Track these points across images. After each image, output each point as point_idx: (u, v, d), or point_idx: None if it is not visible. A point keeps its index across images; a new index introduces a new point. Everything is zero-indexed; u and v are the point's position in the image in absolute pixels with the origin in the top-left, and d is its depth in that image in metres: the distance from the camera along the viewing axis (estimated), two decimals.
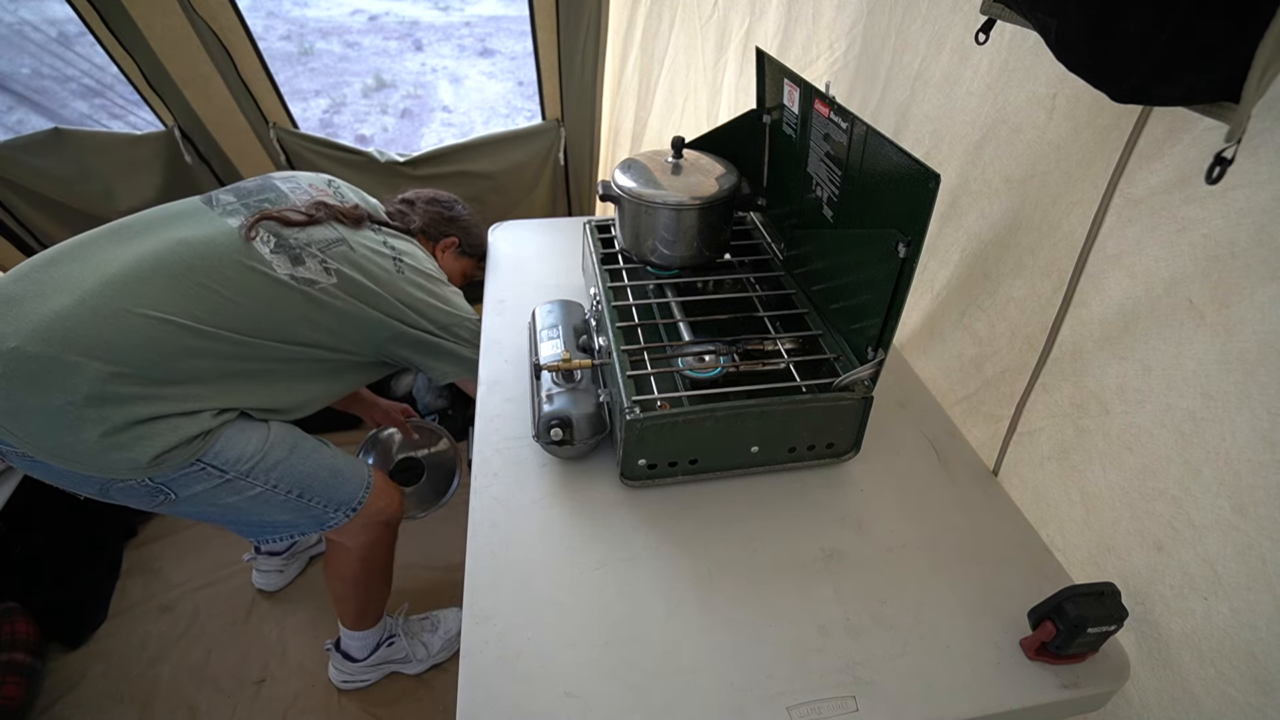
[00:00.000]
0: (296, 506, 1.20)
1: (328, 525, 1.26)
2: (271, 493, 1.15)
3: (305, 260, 1.13)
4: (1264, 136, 0.57)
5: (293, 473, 1.18)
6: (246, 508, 1.15)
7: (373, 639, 1.53)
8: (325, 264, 1.15)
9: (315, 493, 1.21)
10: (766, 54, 1.10)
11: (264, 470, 1.13)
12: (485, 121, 4.42)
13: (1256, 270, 0.60)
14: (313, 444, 1.24)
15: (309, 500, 1.21)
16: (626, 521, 0.88)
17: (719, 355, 0.95)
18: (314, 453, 1.23)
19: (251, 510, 1.16)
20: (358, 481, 1.30)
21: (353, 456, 1.34)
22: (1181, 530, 0.69)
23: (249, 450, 1.11)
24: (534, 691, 0.70)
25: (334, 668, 1.55)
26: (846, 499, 0.92)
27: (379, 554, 1.40)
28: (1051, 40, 0.61)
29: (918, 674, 0.73)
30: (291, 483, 1.18)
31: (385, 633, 1.56)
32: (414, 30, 5.48)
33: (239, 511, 1.16)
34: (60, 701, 1.55)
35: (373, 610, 1.51)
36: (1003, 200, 0.91)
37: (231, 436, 1.10)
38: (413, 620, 1.63)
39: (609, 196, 1.11)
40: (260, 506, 1.16)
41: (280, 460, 1.16)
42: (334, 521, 1.26)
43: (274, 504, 1.17)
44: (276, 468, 1.15)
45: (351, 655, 1.53)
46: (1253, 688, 0.62)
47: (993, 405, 0.97)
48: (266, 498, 1.15)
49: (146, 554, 1.87)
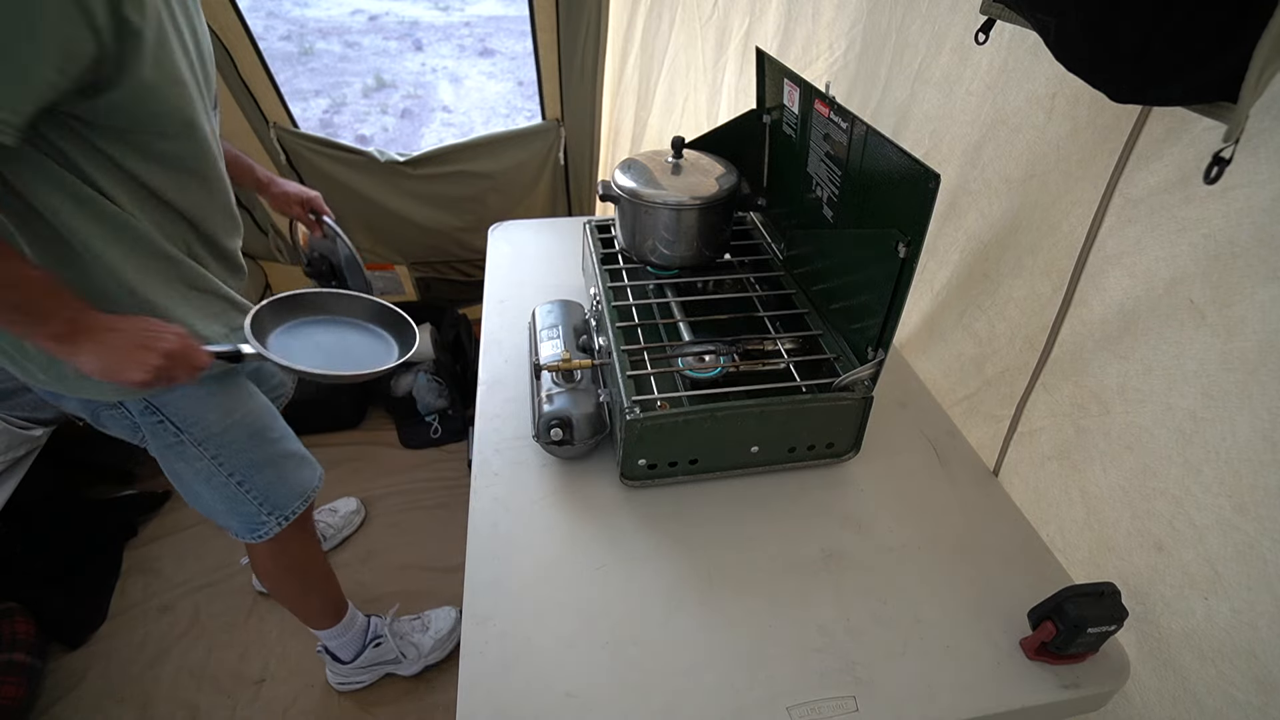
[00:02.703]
0: (231, 497, 1.13)
1: (260, 533, 1.18)
2: (215, 469, 1.09)
3: None
4: (1263, 136, 0.57)
5: (240, 453, 1.10)
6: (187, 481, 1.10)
7: (353, 638, 1.50)
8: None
9: (256, 485, 1.14)
10: (766, 54, 1.10)
11: (214, 440, 1.07)
12: (485, 121, 4.42)
13: (1257, 270, 0.60)
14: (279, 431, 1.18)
15: (247, 490, 1.13)
16: (626, 521, 0.88)
17: (719, 355, 0.95)
18: (275, 442, 1.16)
19: (190, 488, 1.11)
20: (301, 488, 1.22)
21: (308, 457, 1.26)
22: (1182, 530, 0.69)
23: (210, 417, 1.05)
24: (534, 691, 0.70)
25: (329, 670, 1.54)
26: (846, 499, 0.92)
27: (293, 552, 1.31)
28: (1051, 40, 0.61)
29: (918, 674, 0.73)
30: (236, 465, 1.10)
31: (371, 634, 1.53)
32: (414, 30, 5.49)
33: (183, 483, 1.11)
34: (60, 701, 1.55)
35: (319, 605, 1.44)
36: (1002, 200, 0.91)
37: (193, 395, 1.03)
38: (402, 621, 1.61)
39: (609, 196, 1.11)
40: (199, 485, 1.10)
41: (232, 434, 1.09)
42: (265, 530, 1.18)
43: (214, 484, 1.10)
44: (227, 441, 1.08)
45: (338, 656, 1.51)
46: (1254, 687, 0.62)
47: (993, 405, 0.97)
48: (210, 474, 1.09)
49: (146, 554, 1.87)
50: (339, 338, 1.12)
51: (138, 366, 0.85)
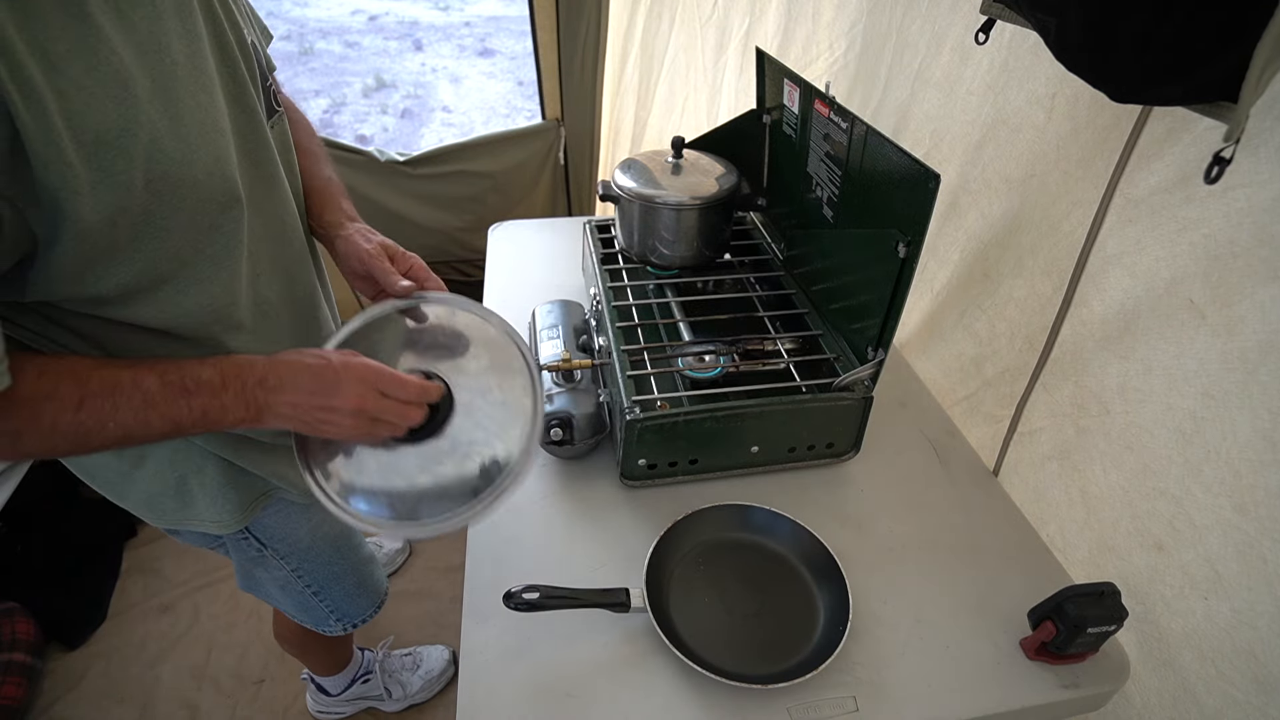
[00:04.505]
0: (304, 603, 1.06)
1: (322, 629, 1.11)
2: (293, 579, 1.02)
3: None
4: (1264, 136, 0.57)
5: (323, 566, 1.03)
6: (264, 585, 1.03)
7: (345, 676, 1.47)
8: None
9: (331, 596, 1.07)
10: (766, 54, 1.10)
11: (297, 554, 0.99)
12: (485, 121, 4.42)
13: (1257, 270, 0.60)
14: (358, 536, 1.10)
15: (322, 600, 1.07)
16: (626, 521, 0.88)
17: (719, 355, 0.95)
18: (357, 549, 1.09)
19: (263, 589, 1.05)
20: (372, 598, 1.14)
21: (376, 565, 1.16)
22: (1182, 530, 0.69)
23: (299, 533, 0.96)
24: (534, 691, 0.70)
25: (310, 697, 1.53)
26: (846, 499, 0.92)
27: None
28: (1051, 40, 0.61)
29: (918, 674, 0.73)
30: (315, 577, 1.03)
31: (361, 669, 1.50)
32: (414, 30, 5.49)
33: (255, 583, 1.04)
34: (60, 701, 1.55)
35: (333, 663, 1.42)
36: (1003, 200, 0.91)
37: (285, 512, 0.93)
38: (394, 656, 1.55)
39: (609, 196, 1.11)
40: (274, 589, 1.03)
41: (317, 548, 1.01)
42: (329, 629, 1.11)
43: (290, 592, 1.03)
44: (311, 555, 1.00)
45: (325, 690, 1.49)
46: (1254, 687, 0.62)
47: (993, 405, 0.97)
48: (286, 583, 1.02)
49: (146, 554, 1.87)
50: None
51: (351, 422, 0.65)
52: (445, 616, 1.73)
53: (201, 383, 0.62)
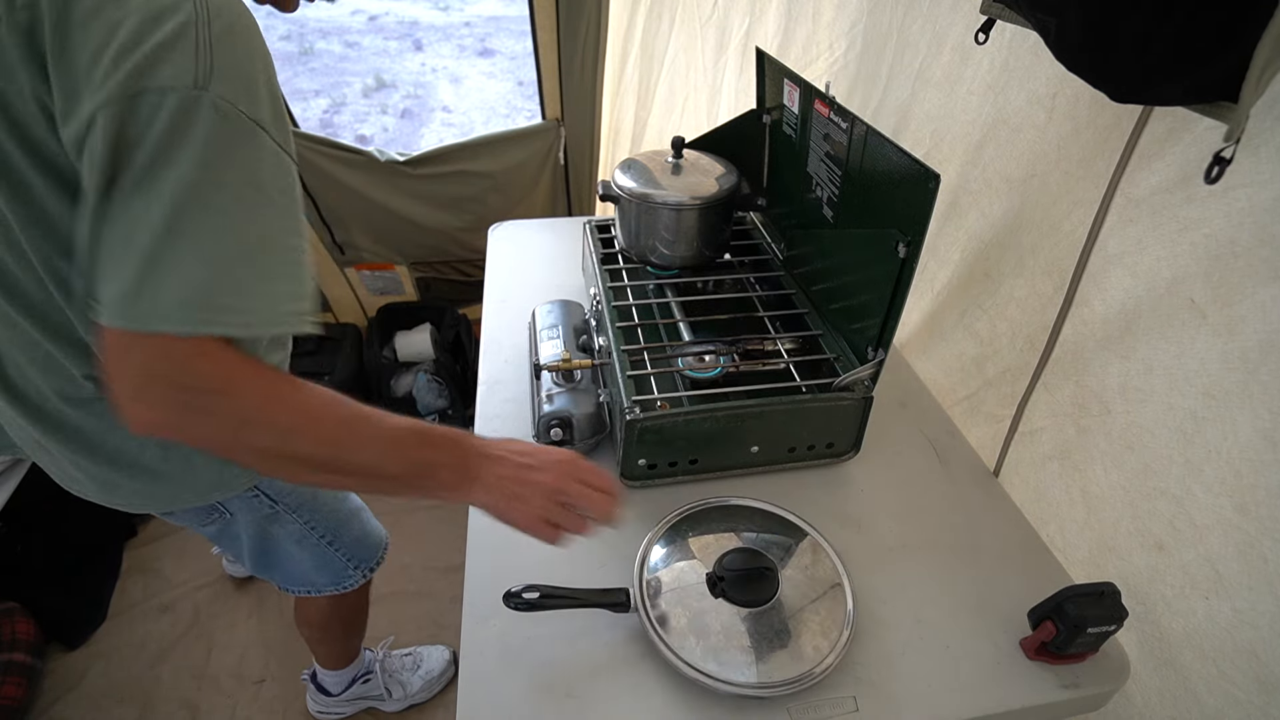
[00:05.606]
0: (322, 556, 1.10)
1: (345, 584, 1.16)
2: (307, 532, 1.05)
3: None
4: (1264, 136, 0.57)
5: (330, 514, 1.07)
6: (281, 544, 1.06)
7: (347, 675, 1.49)
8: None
9: (344, 543, 1.11)
10: (766, 54, 1.10)
11: (307, 506, 1.02)
12: (485, 121, 4.42)
13: (1258, 270, 0.60)
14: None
15: (336, 549, 1.11)
16: (626, 521, 0.87)
17: (719, 355, 0.95)
18: (345, 498, 1.13)
19: (280, 549, 1.07)
20: (378, 539, 1.21)
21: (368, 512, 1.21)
22: (1183, 530, 0.69)
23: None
24: (534, 691, 0.70)
25: (310, 699, 1.53)
26: (846, 499, 0.92)
27: (352, 602, 1.29)
28: (1051, 40, 0.61)
29: (918, 674, 0.73)
30: (326, 526, 1.07)
31: (362, 668, 1.51)
32: (414, 30, 5.49)
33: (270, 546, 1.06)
34: (60, 701, 1.55)
35: (348, 652, 1.45)
36: (1003, 200, 0.91)
37: None
38: (394, 656, 1.57)
39: (609, 196, 1.11)
40: (291, 547, 1.06)
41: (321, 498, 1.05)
42: (350, 582, 1.16)
43: (305, 545, 1.07)
44: (318, 505, 1.04)
45: (326, 689, 1.49)
46: (1255, 686, 0.62)
47: (993, 405, 0.97)
48: (301, 536, 1.05)
49: (146, 554, 1.87)
50: None
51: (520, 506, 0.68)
52: (445, 616, 1.74)
53: (436, 435, 0.66)
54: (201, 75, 0.51)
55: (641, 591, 0.75)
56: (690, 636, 0.71)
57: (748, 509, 0.86)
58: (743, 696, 0.69)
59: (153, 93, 0.50)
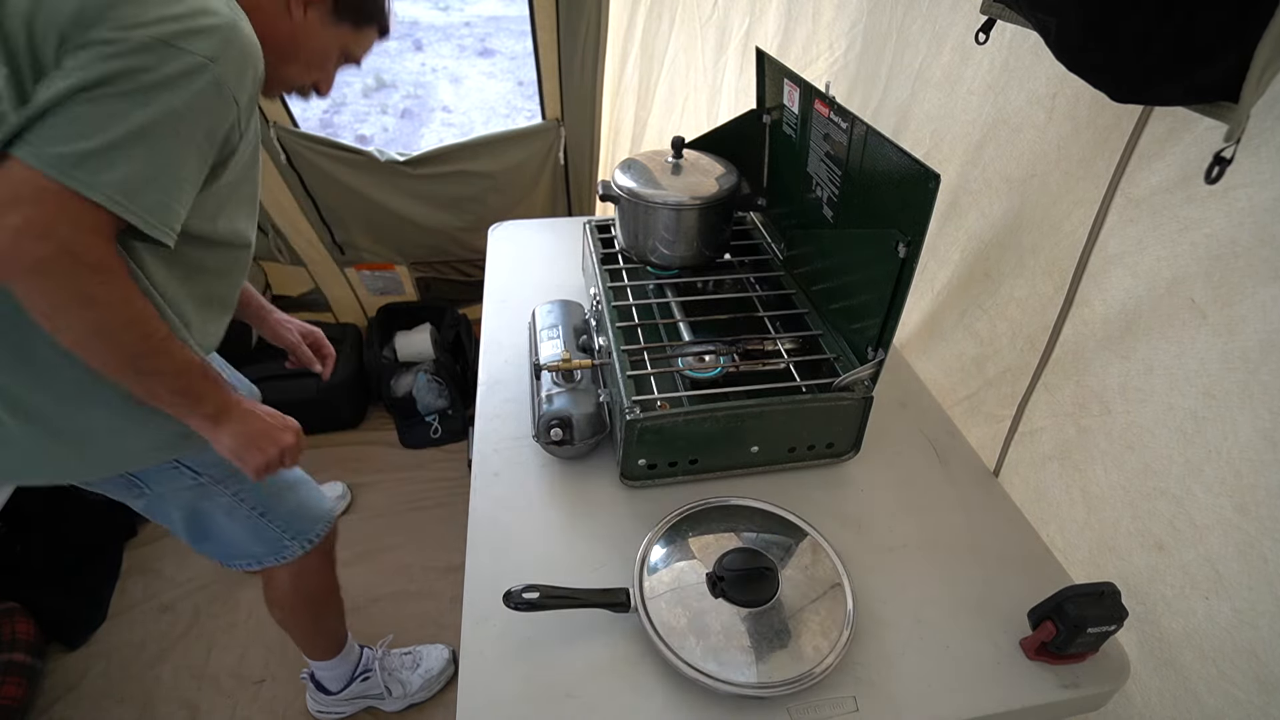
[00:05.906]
0: (255, 528, 1.11)
1: (283, 555, 1.17)
2: (236, 504, 1.06)
3: None
4: (1265, 136, 0.57)
5: (260, 485, 1.07)
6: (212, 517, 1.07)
7: (344, 671, 1.48)
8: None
9: (278, 515, 1.12)
10: (766, 54, 1.10)
11: (234, 477, 1.03)
12: (485, 121, 4.41)
13: (1258, 270, 0.60)
14: None
15: (270, 520, 1.12)
16: (626, 521, 0.88)
17: (719, 355, 0.95)
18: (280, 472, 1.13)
19: (212, 523, 1.08)
20: (319, 512, 1.20)
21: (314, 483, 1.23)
22: (1183, 530, 0.69)
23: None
24: (534, 691, 0.70)
25: (310, 698, 1.53)
26: (846, 499, 0.92)
27: (313, 580, 1.29)
28: (1051, 40, 0.61)
29: (918, 674, 0.73)
30: (257, 498, 1.08)
31: (361, 666, 1.50)
32: (414, 30, 5.48)
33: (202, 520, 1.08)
34: (60, 701, 1.55)
35: (325, 638, 1.43)
36: (1003, 200, 0.91)
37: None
38: (393, 655, 1.56)
39: (609, 196, 1.11)
40: (222, 519, 1.08)
41: None
42: (289, 553, 1.17)
43: (236, 517, 1.08)
44: (243, 477, 1.02)
45: (325, 687, 1.49)
46: (1255, 686, 0.62)
47: (994, 405, 0.97)
48: (230, 509, 1.06)
49: (146, 554, 1.87)
50: None
51: (260, 454, 0.91)
52: (445, 616, 1.74)
53: (215, 376, 0.87)
54: (216, 55, 0.70)
55: (641, 591, 0.75)
56: (690, 636, 0.71)
57: (748, 509, 0.86)
58: (743, 696, 0.69)
59: (186, 51, 0.68)
